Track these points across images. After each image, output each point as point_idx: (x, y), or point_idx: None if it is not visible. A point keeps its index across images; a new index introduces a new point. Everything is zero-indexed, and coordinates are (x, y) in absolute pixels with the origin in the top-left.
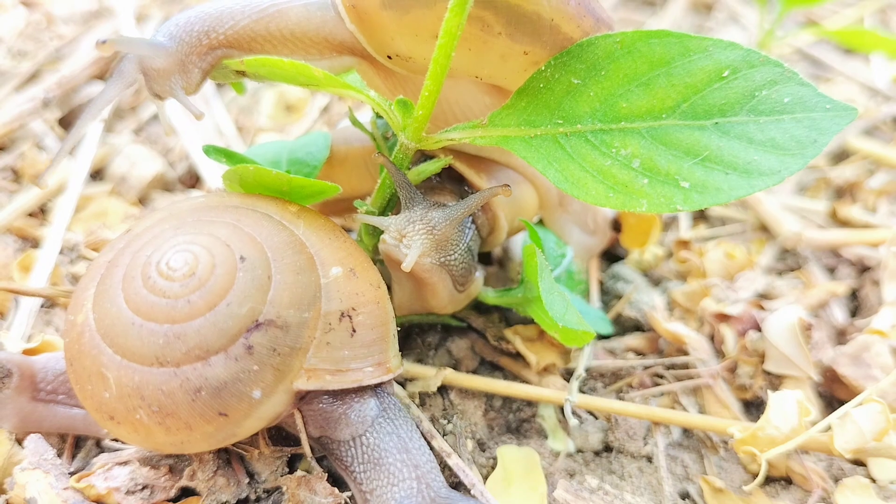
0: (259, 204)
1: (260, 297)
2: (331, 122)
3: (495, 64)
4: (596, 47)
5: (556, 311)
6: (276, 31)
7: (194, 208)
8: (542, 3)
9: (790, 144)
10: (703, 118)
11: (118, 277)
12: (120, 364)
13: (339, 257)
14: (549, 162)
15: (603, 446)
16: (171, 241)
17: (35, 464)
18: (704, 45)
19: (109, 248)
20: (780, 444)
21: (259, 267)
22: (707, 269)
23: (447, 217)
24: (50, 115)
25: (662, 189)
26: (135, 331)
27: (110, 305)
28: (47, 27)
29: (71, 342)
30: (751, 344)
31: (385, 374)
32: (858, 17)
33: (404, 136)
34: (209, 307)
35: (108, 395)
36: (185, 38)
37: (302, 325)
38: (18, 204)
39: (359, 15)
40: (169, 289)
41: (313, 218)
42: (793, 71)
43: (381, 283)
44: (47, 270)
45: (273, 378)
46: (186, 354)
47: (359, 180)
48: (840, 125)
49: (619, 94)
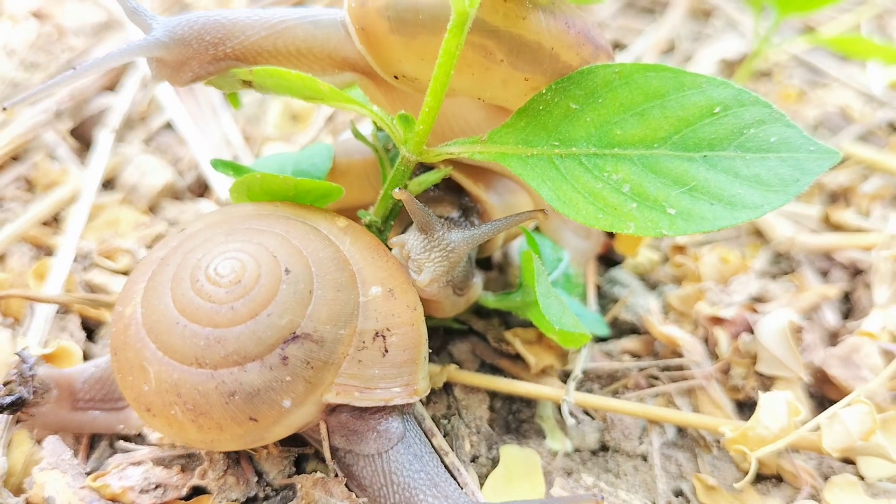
0: (309, 216)
1: (300, 310)
2: (335, 131)
3: (497, 88)
4: (595, 75)
5: (553, 315)
6: (282, 47)
7: (247, 215)
8: (543, 32)
9: (774, 182)
10: (693, 150)
11: (168, 276)
12: (161, 360)
13: (380, 277)
14: (544, 181)
15: (599, 446)
16: (222, 246)
17: (53, 464)
18: (698, 82)
19: (163, 244)
20: (769, 443)
21: (302, 281)
22: (702, 273)
23: (467, 239)
24: (62, 125)
25: (650, 214)
26: (178, 330)
27: (158, 302)
28: (58, 39)
29: (117, 332)
30: (743, 346)
31: (412, 395)
32: (855, 23)
33: (406, 149)
34: (251, 315)
35: (147, 389)
36: (194, 45)
37: (337, 341)
38: (33, 213)
39: (368, 37)
40: (214, 294)
41: (360, 234)
42: (780, 112)
43: (417, 305)
44: (62, 278)
45: (304, 389)
46: (224, 358)
47: (360, 191)
48: (822, 167)
49: (614, 122)
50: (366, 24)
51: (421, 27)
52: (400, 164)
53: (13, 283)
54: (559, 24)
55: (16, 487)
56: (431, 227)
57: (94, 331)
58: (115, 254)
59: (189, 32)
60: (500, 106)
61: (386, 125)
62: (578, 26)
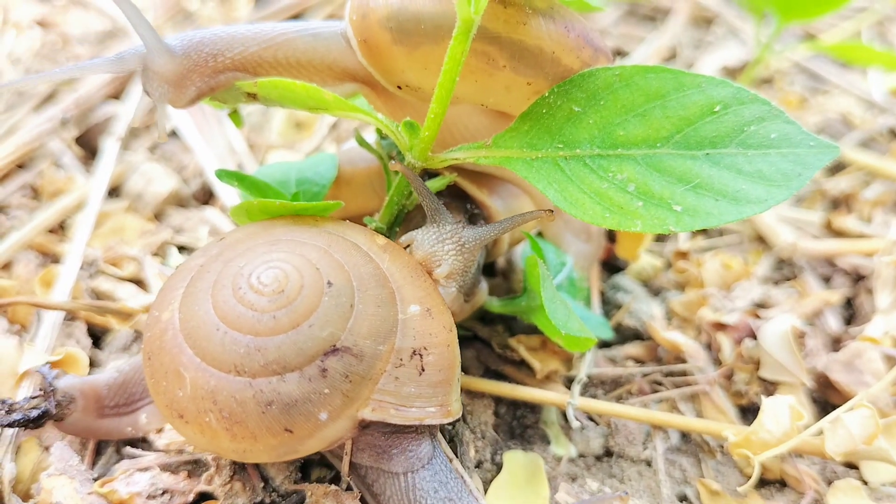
0: (349, 232)
1: (341, 323)
2: (339, 139)
3: (500, 94)
4: (596, 78)
5: (559, 319)
6: (283, 58)
7: (288, 228)
8: (544, 36)
9: (776, 176)
10: (695, 148)
11: (208, 282)
12: (198, 366)
13: (418, 296)
14: (549, 183)
15: (604, 451)
16: (265, 256)
17: (61, 469)
18: (698, 82)
19: (202, 252)
20: (773, 447)
21: (344, 294)
22: (705, 279)
23: (479, 236)
24: (67, 134)
25: (656, 211)
26: (218, 336)
27: (198, 308)
28: (63, 47)
29: (153, 337)
30: (746, 352)
31: (445, 416)
32: (856, 30)
33: (411, 155)
34: (292, 325)
35: (182, 394)
36: (193, 56)
37: (376, 356)
38: (39, 221)
39: (370, 49)
40: (257, 302)
41: (399, 253)
42: (779, 109)
43: (453, 326)
44: (68, 285)
45: (341, 403)
46: (264, 367)
47: (365, 200)
48: (823, 161)
49: (616, 123)
50: (368, 35)
51: (423, 37)
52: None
53: (20, 290)
54: (559, 28)
55: (24, 493)
56: (440, 217)
57: (101, 338)
58: (121, 261)
59: (188, 44)
60: (501, 111)
61: (391, 132)
62: (578, 30)
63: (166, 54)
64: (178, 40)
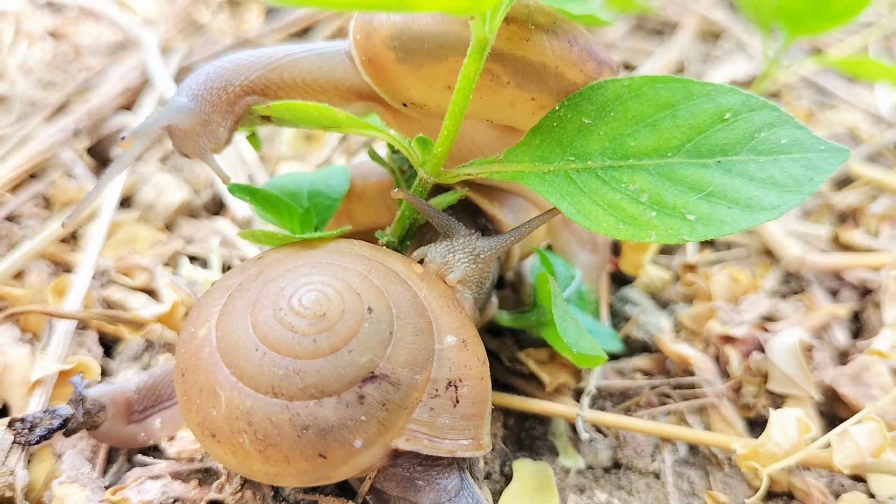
0: (387, 259)
1: (380, 350)
2: (349, 150)
3: (505, 109)
4: (605, 90)
5: (570, 338)
6: (289, 79)
7: (328, 251)
8: (547, 52)
9: (788, 182)
10: (707, 157)
11: (248, 301)
12: (234, 385)
13: (454, 327)
14: (562, 196)
15: (612, 463)
16: (306, 278)
17: (73, 478)
18: (707, 90)
19: (239, 270)
20: (780, 460)
21: (384, 321)
22: (713, 292)
23: (493, 246)
24: (79, 144)
25: (670, 221)
26: (257, 357)
27: (236, 327)
28: (75, 59)
29: (188, 353)
30: (754, 364)
31: (477, 450)
32: (863, 45)
33: (423, 171)
34: (332, 350)
35: (216, 413)
36: (206, 97)
37: (412, 385)
38: (51, 230)
39: (375, 68)
40: (298, 325)
41: (436, 283)
42: (789, 115)
43: (486, 359)
44: (80, 294)
45: (376, 431)
46: (302, 391)
47: (376, 213)
48: (834, 165)
49: (627, 134)
50: (372, 55)
51: (427, 55)
52: (417, 185)
53: (32, 299)
54: (562, 43)
55: (36, 501)
56: (453, 231)
57: (112, 347)
58: (133, 271)
59: (196, 89)
60: (508, 125)
61: (403, 148)
62: (581, 43)
63: (182, 111)
64: (185, 92)
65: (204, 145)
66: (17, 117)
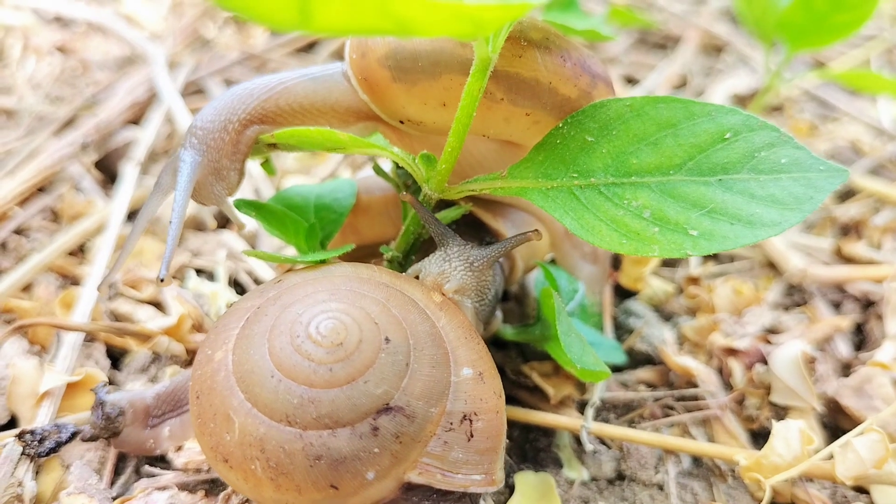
0: (406, 287)
1: (396, 381)
2: (354, 164)
3: (500, 125)
4: (608, 109)
5: (574, 353)
6: (286, 106)
7: (347, 277)
8: (540, 68)
9: (789, 200)
10: (708, 175)
11: (265, 326)
12: (249, 412)
13: (471, 359)
14: (566, 211)
15: (616, 475)
16: (324, 305)
17: (80, 489)
18: (707, 110)
19: (258, 293)
20: (783, 471)
21: (400, 352)
22: (716, 304)
23: (484, 256)
24: (87, 158)
25: (673, 237)
26: (272, 384)
27: (253, 352)
28: (83, 73)
29: (203, 376)
30: (757, 377)
31: (489, 485)
32: (865, 58)
33: (427, 186)
34: (348, 380)
35: (229, 438)
36: (212, 143)
37: (427, 418)
38: (59, 243)
39: (371, 87)
40: (314, 353)
41: (455, 313)
42: (788, 135)
43: (502, 393)
44: (88, 307)
45: (389, 464)
46: (316, 420)
47: (382, 228)
48: (833, 184)
49: (629, 152)
50: (368, 74)
51: (421, 73)
52: (421, 200)
53: (40, 312)
54: (555, 58)
55: None
56: (447, 240)
57: (119, 359)
58: (140, 283)
59: (202, 132)
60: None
61: (407, 165)
62: (574, 58)
63: (194, 167)
64: (191, 142)
65: (219, 192)
66: (25, 131)
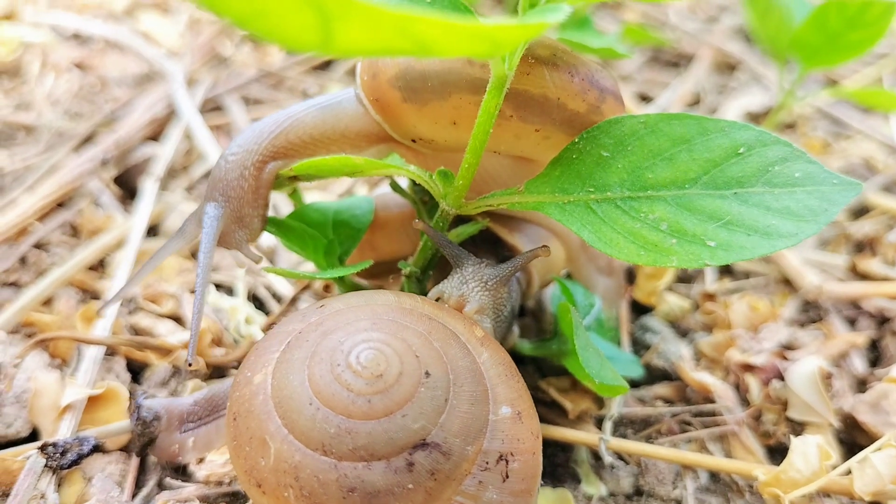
0: (449, 320)
1: (434, 417)
2: (371, 180)
3: (510, 142)
4: (623, 125)
5: (593, 368)
6: (296, 139)
7: (390, 306)
8: (548, 84)
9: (804, 212)
10: (723, 188)
11: (306, 352)
12: (285, 438)
13: (511, 397)
14: (583, 224)
15: (634, 490)
16: (365, 334)
17: (102, 501)
18: (720, 126)
19: (300, 317)
20: (802, 486)
21: (440, 387)
22: (732, 321)
23: (497, 274)
24: (106, 174)
25: (690, 248)
26: (310, 411)
27: (293, 378)
28: (101, 90)
29: (241, 398)
30: (774, 392)
31: None
32: (878, 76)
33: (445, 202)
34: (386, 413)
35: (264, 464)
36: (233, 194)
37: (463, 456)
38: (79, 258)
39: (382, 107)
40: (354, 383)
41: (496, 349)
42: (801, 150)
43: (540, 433)
44: (108, 321)
45: (422, 500)
46: (352, 451)
47: (399, 244)
48: (848, 197)
49: (644, 167)
50: (379, 95)
51: (430, 93)
52: (438, 217)
53: (61, 326)
54: (562, 74)
55: None
56: (462, 261)
57: (140, 373)
58: (160, 298)
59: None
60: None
61: (424, 182)
62: (582, 73)
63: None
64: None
65: (240, 238)
66: (44, 147)
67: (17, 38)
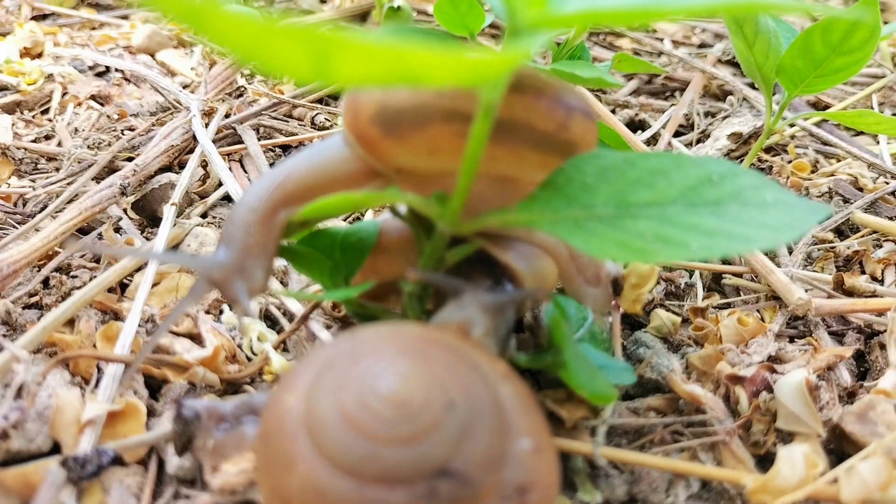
0: (472, 353)
1: (456, 446)
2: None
3: (486, 163)
4: (603, 159)
5: (583, 377)
6: (292, 191)
7: (416, 336)
8: (515, 108)
9: (780, 226)
10: (701, 207)
11: (335, 378)
12: (314, 459)
13: (530, 430)
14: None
15: (628, 498)
16: (393, 361)
17: None
18: (694, 161)
19: (333, 345)
20: (789, 494)
21: (463, 416)
22: (722, 335)
23: (494, 299)
24: (126, 200)
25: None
26: (339, 435)
27: (324, 400)
28: (119, 120)
29: (274, 418)
30: (763, 404)
31: None
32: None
33: (442, 223)
34: (410, 440)
35: (291, 483)
36: (241, 246)
37: (481, 485)
38: (100, 280)
39: (366, 143)
40: (381, 410)
41: (517, 383)
42: (773, 181)
43: (557, 466)
44: (128, 339)
45: None
46: (376, 476)
47: (399, 267)
48: (819, 216)
49: (626, 192)
50: (360, 132)
51: (408, 126)
52: (435, 237)
53: (82, 345)
54: (528, 97)
55: None
56: (460, 290)
57: (157, 389)
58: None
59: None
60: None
61: (421, 206)
62: (548, 95)
63: (216, 265)
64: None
65: (240, 287)
66: (66, 175)
67: (39, 69)
